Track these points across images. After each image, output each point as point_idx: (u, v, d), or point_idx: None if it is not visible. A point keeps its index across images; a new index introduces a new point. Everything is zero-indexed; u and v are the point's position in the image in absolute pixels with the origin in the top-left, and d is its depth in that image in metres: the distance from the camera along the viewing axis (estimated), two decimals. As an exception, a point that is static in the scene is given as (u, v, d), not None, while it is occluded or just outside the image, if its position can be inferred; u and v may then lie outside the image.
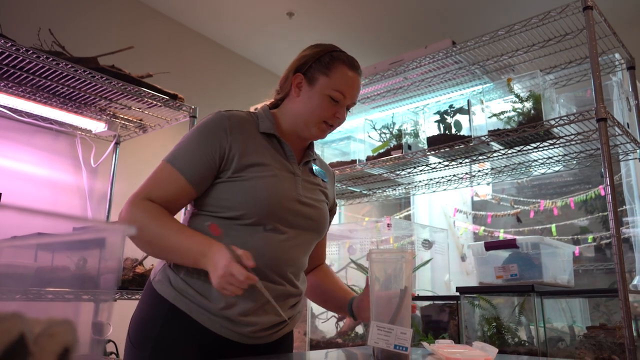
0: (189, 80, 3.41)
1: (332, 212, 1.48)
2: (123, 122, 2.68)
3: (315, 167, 1.38)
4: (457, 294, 2.02)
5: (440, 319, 2.21)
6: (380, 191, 2.93)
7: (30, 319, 0.46)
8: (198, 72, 3.58)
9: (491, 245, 2.01)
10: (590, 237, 2.76)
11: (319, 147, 3.08)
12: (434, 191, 2.73)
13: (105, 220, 2.78)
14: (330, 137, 3.07)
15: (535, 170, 2.40)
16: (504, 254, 2.03)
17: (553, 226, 2.80)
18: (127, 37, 2.98)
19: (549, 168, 2.35)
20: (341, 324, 2.43)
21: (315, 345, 2.44)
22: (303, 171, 1.32)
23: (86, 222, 0.48)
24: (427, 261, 2.57)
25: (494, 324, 1.90)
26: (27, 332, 0.44)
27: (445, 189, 2.67)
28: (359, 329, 2.39)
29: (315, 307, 2.59)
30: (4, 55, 2.02)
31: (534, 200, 2.90)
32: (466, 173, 2.53)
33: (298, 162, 1.32)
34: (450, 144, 2.15)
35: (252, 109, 3.18)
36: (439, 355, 1.13)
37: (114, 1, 3.12)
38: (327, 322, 2.57)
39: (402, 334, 1.05)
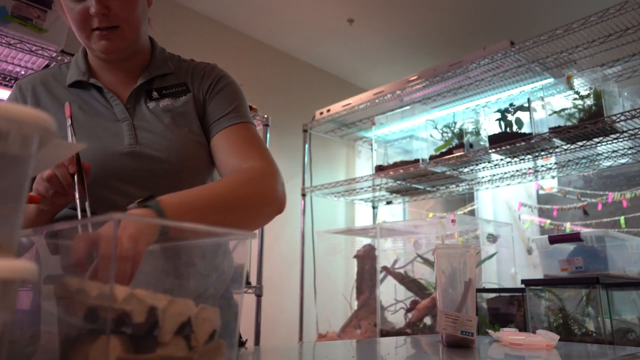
0: (260, 90, 3.63)
1: (213, 117, 1.07)
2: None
3: (157, 89, 1.06)
4: (523, 286, 2.09)
5: (507, 311, 2.28)
6: (443, 188, 3.03)
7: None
8: (268, 81, 3.80)
9: (555, 239, 2.06)
10: (662, 228, 2.72)
11: (382, 145, 3.21)
12: (497, 186, 2.79)
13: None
14: (392, 136, 3.20)
15: (601, 164, 2.41)
16: (568, 247, 2.08)
17: (622, 218, 2.78)
18: (201, 53, 3.23)
19: (615, 161, 2.36)
20: (409, 315, 2.56)
21: (385, 335, 2.59)
22: (139, 103, 1.04)
23: (218, 230, 0.66)
24: (492, 255, 2.64)
25: (560, 314, 1.97)
26: (192, 316, 0.60)
27: (508, 184, 2.73)
28: (427, 320, 2.51)
29: (384, 299, 2.74)
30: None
31: (601, 193, 2.88)
32: (530, 168, 2.57)
33: (128, 96, 1.04)
34: (511, 141, 2.23)
35: (317, 113, 3.37)
36: (503, 342, 1.24)
37: (185, 19, 3.40)
38: (396, 314, 2.71)
39: (468, 321, 1.18)
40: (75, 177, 0.82)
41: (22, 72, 1.96)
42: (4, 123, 0.37)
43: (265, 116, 2.76)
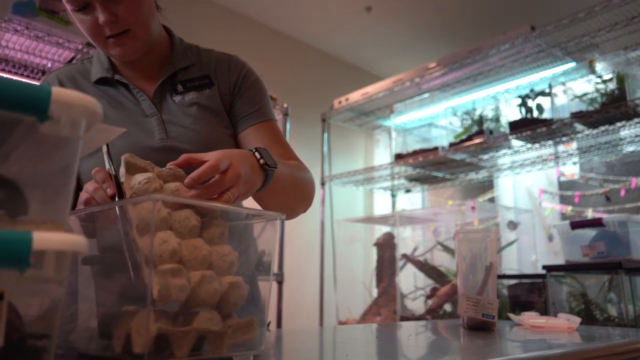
0: (278, 79, 3.64)
1: (241, 113, 1.11)
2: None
3: (181, 82, 1.08)
4: (544, 272, 2.09)
5: (528, 298, 2.28)
6: (463, 175, 3.02)
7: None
8: (286, 70, 3.81)
9: (577, 225, 2.05)
10: (687, 214, 2.68)
11: (400, 133, 3.21)
12: (517, 173, 2.77)
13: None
14: (411, 124, 3.20)
15: (624, 149, 2.38)
16: (590, 232, 2.06)
17: (645, 204, 2.74)
18: (220, 44, 3.26)
19: (639, 146, 2.33)
20: (429, 302, 2.58)
21: (405, 321, 2.61)
22: (165, 97, 1.06)
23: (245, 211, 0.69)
24: (512, 242, 2.64)
25: (582, 300, 1.96)
26: (219, 300, 0.63)
27: (529, 171, 2.71)
28: (447, 307, 2.53)
29: (403, 287, 2.76)
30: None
31: (624, 178, 2.84)
32: (551, 154, 2.55)
33: (153, 91, 1.06)
34: (532, 127, 2.21)
35: (335, 102, 3.38)
36: (524, 325, 1.25)
37: (204, 10, 3.42)
38: (415, 301, 2.73)
39: (489, 304, 1.19)
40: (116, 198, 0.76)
41: (49, 65, 2.01)
42: (56, 107, 0.40)
43: (285, 105, 2.78)
